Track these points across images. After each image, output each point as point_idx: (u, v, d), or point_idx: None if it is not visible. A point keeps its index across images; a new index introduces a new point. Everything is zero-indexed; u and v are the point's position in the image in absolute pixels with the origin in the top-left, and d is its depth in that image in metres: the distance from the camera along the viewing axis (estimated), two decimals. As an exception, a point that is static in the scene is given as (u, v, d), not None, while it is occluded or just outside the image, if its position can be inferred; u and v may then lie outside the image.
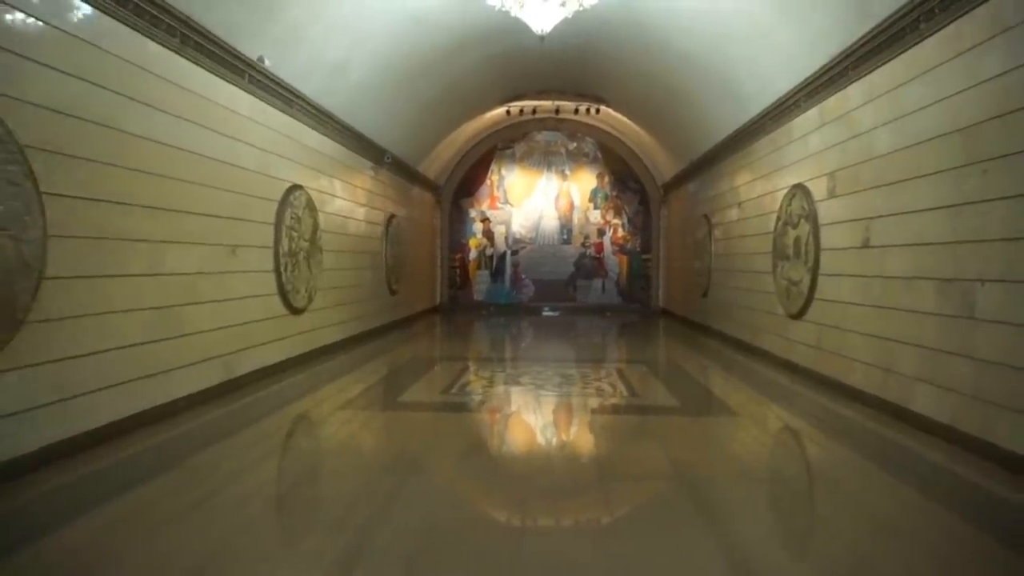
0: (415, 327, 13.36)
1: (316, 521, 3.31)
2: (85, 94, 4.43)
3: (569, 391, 6.71)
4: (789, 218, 7.79)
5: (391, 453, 4.47)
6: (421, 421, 5.33)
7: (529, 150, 17.42)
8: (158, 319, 5.22)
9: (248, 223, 6.77)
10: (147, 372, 5.06)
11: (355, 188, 10.38)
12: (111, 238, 4.69)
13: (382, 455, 4.42)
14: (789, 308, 7.75)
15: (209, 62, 5.88)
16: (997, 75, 4.31)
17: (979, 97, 4.50)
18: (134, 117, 4.93)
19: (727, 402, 6.14)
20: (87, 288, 4.42)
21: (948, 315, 4.79)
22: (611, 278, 17.35)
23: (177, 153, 5.46)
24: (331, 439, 4.92)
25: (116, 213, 4.72)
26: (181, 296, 5.54)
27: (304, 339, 8.24)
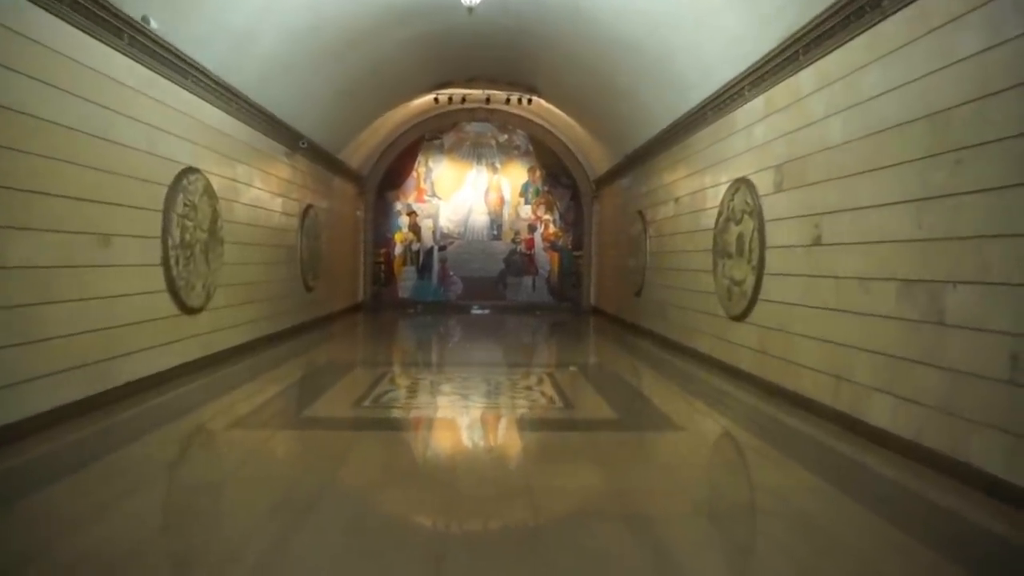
0: (334, 327, 12.46)
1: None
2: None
3: (498, 402, 6.07)
4: (732, 214, 7.37)
5: (284, 487, 3.71)
6: (326, 443, 4.57)
7: (458, 141, 16.70)
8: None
9: (127, 209, 5.82)
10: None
11: (266, 175, 9.44)
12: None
13: (273, 490, 3.66)
14: (731, 309, 7.33)
15: (74, 15, 4.94)
16: (973, 54, 3.90)
17: (951, 80, 4.08)
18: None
19: (669, 413, 5.62)
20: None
21: (912, 319, 4.38)
22: (542, 275, 16.83)
23: (26, 121, 4.52)
24: (213, 468, 4.11)
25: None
26: (32, 294, 4.60)
27: (201, 342, 7.30)
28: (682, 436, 4.91)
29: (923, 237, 4.29)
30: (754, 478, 4.09)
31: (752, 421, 5.41)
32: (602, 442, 4.70)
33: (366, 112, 13.14)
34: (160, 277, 6.42)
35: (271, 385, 6.53)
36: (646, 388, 6.85)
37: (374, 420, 5.23)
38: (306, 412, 5.38)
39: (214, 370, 7.14)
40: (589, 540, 3.11)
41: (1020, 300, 3.57)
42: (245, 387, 6.45)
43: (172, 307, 6.65)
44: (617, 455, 4.43)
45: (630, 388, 6.86)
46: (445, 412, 5.67)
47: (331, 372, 7.55)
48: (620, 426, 5.21)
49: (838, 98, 5.34)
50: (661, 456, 4.49)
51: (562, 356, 9.61)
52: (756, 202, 6.74)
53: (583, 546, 3.02)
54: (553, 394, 6.23)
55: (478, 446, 4.68)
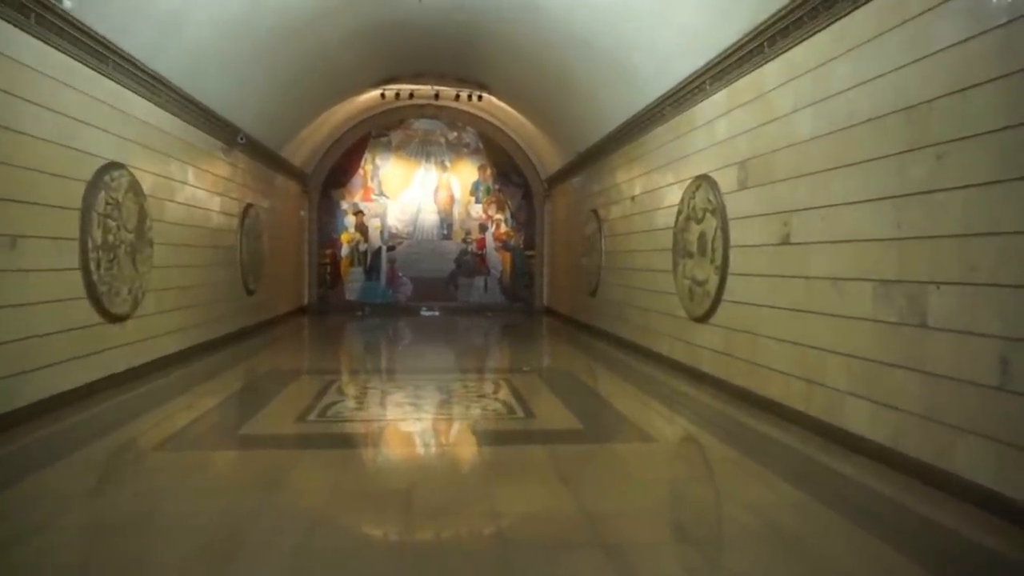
0: (277, 331, 11.86)
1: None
2: None
3: (454, 412, 5.68)
4: (692, 212, 7.15)
5: (216, 519, 3.26)
6: (260, 467, 4.10)
7: (406, 139, 16.21)
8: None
9: (39, 207, 5.23)
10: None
11: (201, 171, 8.83)
12: None
13: (203, 523, 3.21)
14: (693, 310, 7.11)
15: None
16: (955, 43, 3.70)
17: (930, 71, 3.89)
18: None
19: (636, 421, 5.33)
20: None
21: (890, 322, 4.18)
22: (494, 276, 16.48)
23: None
24: (134, 499, 3.62)
25: None
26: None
27: (128, 352, 6.71)
28: (653, 448, 4.62)
29: (902, 236, 4.09)
30: (735, 494, 3.82)
31: (722, 428, 5.17)
32: (569, 456, 4.37)
33: (309, 107, 12.56)
34: (79, 282, 5.83)
35: (206, 398, 6.00)
36: (608, 393, 6.56)
37: (320, 436, 4.78)
38: (244, 429, 4.89)
39: (143, 382, 6.56)
40: (563, 574, 2.78)
41: (1009, 302, 3.38)
42: (177, 401, 5.91)
43: (93, 315, 6.06)
44: (587, 472, 4.11)
45: (592, 393, 6.57)
46: (397, 425, 5.25)
47: (274, 381, 7.04)
48: (586, 437, 4.89)
49: (806, 92, 5.14)
50: (634, 471, 4.18)
51: (518, 359, 9.28)
52: (719, 200, 6.52)
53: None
54: (512, 402, 5.89)
55: (434, 465, 4.29)
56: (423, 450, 4.50)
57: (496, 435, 4.95)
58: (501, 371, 8.22)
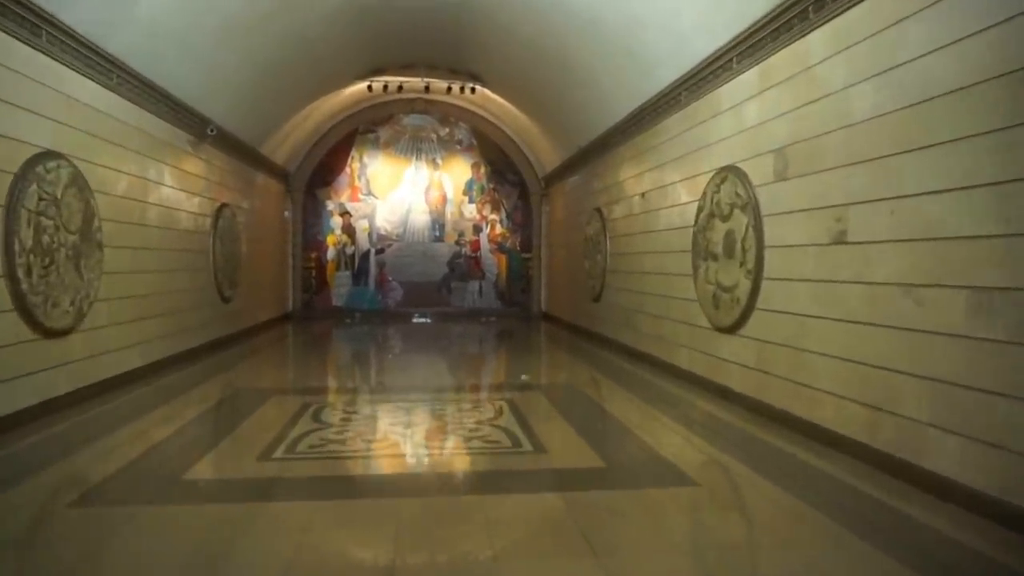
0: (256, 341, 10.97)
1: None
2: None
3: (447, 447, 4.81)
4: (716, 209, 6.32)
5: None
6: (201, 531, 3.17)
7: (395, 135, 15.35)
8: None
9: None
10: None
11: (164, 166, 7.95)
12: None
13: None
14: (718, 319, 6.28)
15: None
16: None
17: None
18: None
19: (666, 455, 4.46)
20: None
21: (989, 339, 3.35)
22: (489, 279, 15.62)
23: None
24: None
25: None
26: None
27: (71, 372, 5.82)
28: (696, 495, 3.75)
29: (1010, 232, 3.26)
30: (819, 567, 2.96)
31: (771, 464, 4.31)
32: (593, 508, 3.51)
33: (290, 99, 11.68)
34: (3, 291, 4.94)
35: (157, 428, 5.11)
36: (625, 415, 5.70)
37: (283, 483, 3.88)
38: (192, 471, 4.01)
39: (87, 407, 5.66)
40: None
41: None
42: (120, 432, 5.01)
43: (24, 330, 5.17)
44: (618, 532, 3.24)
45: (606, 416, 5.70)
46: (379, 465, 4.37)
47: (242, 404, 6.16)
48: (611, 479, 4.01)
49: (864, 62, 4.31)
50: (678, 531, 3.32)
51: (519, 373, 8.42)
52: (750, 194, 5.69)
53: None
54: (516, 430, 5.02)
55: (424, 526, 3.41)
56: (410, 504, 3.63)
57: (500, 479, 4.06)
58: (501, 388, 7.36)
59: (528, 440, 4.77)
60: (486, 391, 7.28)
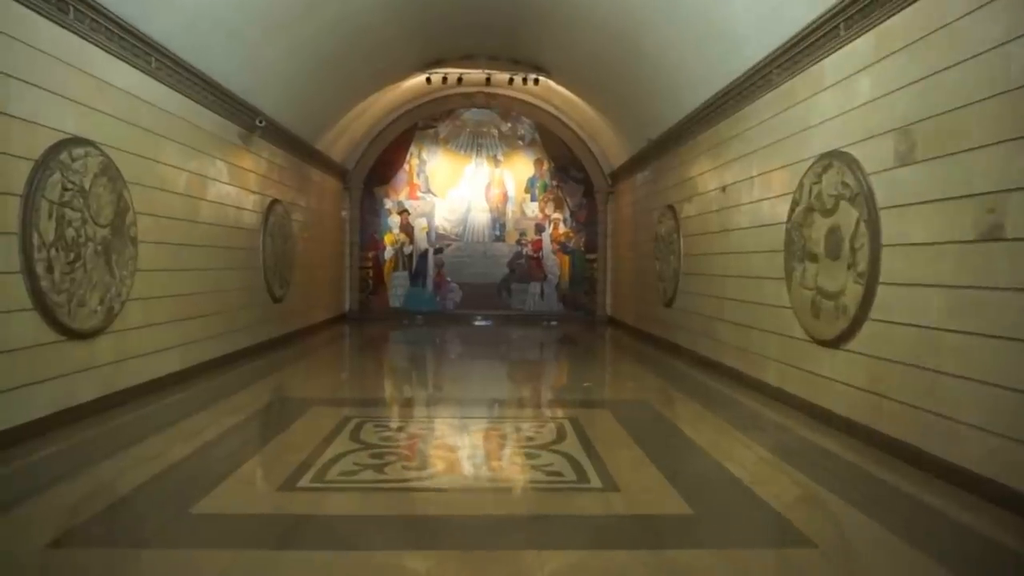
0: (309, 343, 10.55)
1: None
2: None
3: (498, 478, 4.08)
4: (816, 202, 5.44)
5: None
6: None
7: (455, 130, 14.79)
8: None
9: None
10: None
11: (209, 158, 7.53)
12: None
13: None
14: (819, 330, 5.39)
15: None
16: None
17: None
18: None
19: (767, 499, 3.64)
20: None
21: None
22: (551, 281, 14.89)
23: None
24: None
25: None
26: None
27: (98, 377, 5.39)
28: (811, 559, 2.95)
29: None
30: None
31: (902, 516, 3.46)
32: (685, 571, 2.75)
33: (346, 93, 11.24)
34: (19, 289, 4.51)
35: (176, 444, 4.58)
36: (711, 443, 4.87)
37: (307, 523, 3.20)
38: (201, 504, 3.41)
39: (110, 418, 5.21)
40: None
41: None
42: (132, 451, 4.47)
43: (44, 331, 4.73)
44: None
45: (687, 443, 4.87)
46: (418, 503, 3.65)
47: (276, 416, 5.62)
48: (703, 533, 3.20)
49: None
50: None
51: (583, 384, 7.67)
52: (862, 183, 4.80)
53: None
54: (582, 459, 4.28)
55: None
56: (448, 560, 2.93)
57: (563, 528, 3.30)
58: (564, 403, 6.61)
59: (596, 472, 4.02)
60: (547, 406, 6.55)
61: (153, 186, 6.29)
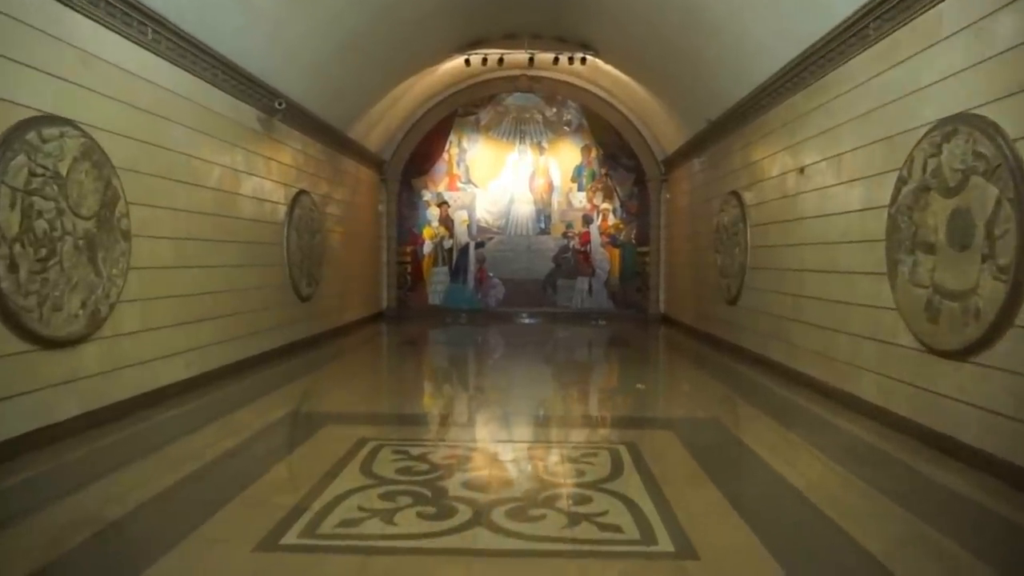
0: (340, 344, 9.86)
1: None
2: None
3: (538, 535, 3.08)
4: (934, 179, 4.40)
5: None
6: None
7: (497, 117, 13.93)
8: None
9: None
10: None
11: (222, 144, 6.83)
12: None
13: None
14: (937, 338, 4.36)
15: None
16: None
17: None
18: None
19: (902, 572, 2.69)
20: None
21: None
22: (599, 276, 13.92)
23: None
24: None
25: None
26: None
27: (82, 391, 4.70)
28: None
29: None
30: None
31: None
32: None
33: (379, 76, 10.47)
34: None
35: (152, 477, 3.79)
36: (805, 478, 3.90)
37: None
38: (152, 569, 2.64)
39: (94, 438, 4.51)
40: None
41: None
42: (98, 486, 3.66)
43: (9, 340, 4.05)
44: None
45: (779, 482, 3.85)
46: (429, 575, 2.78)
47: (281, 438, 4.83)
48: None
49: None
50: None
51: (643, 400, 6.74)
52: (1005, 152, 3.76)
53: None
54: (646, 506, 3.34)
55: None
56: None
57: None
58: (618, 422, 5.66)
59: (664, 526, 3.10)
60: (599, 425, 5.62)
61: (152, 173, 5.59)
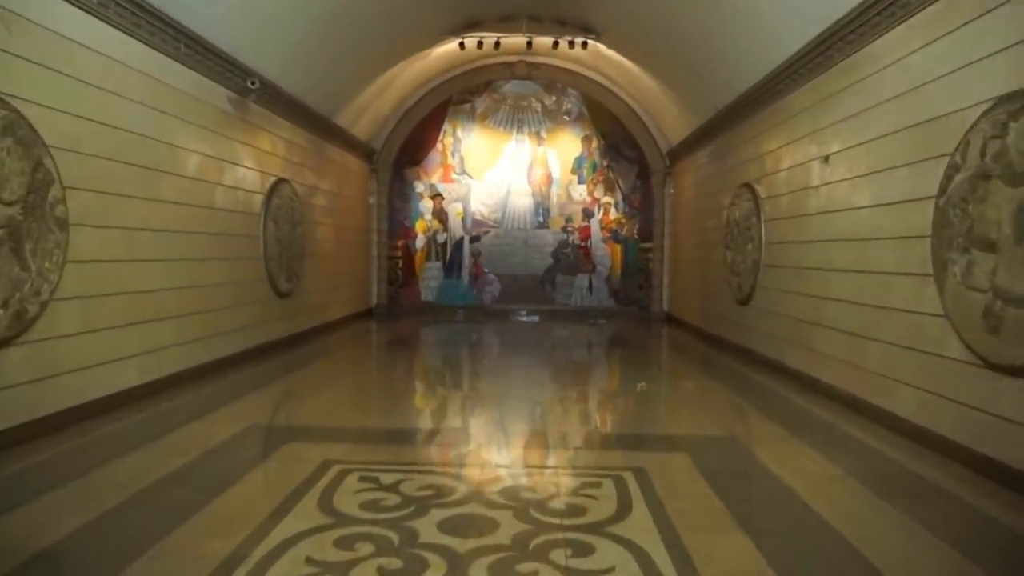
0: (323, 344, 9.23)
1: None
2: None
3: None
4: (997, 165, 3.75)
5: None
6: None
7: (493, 105, 13.28)
8: None
9: None
10: None
11: (184, 125, 6.18)
12: None
13: None
14: (999, 350, 3.72)
15: None
16: None
17: None
18: None
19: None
20: None
21: None
22: (600, 273, 13.29)
23: None
24: None
25: None
26: None
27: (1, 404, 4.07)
28: None
29: None
30: None
31: None
32: None
33: (367, 59, 9.81)
34: None
35: (65, 512, 3.18)
36: (852, 525, 3.25)
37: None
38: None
39: (9, 461, 3.87)
40: None
41: None
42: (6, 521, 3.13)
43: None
44: None
45: (820, 525, 3.16)
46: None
47: (232, 459, 4.09)
48: None
49: None
50: None
51: (651, 414, 6.10)
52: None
53: None
54: (663, 565, 2.72)
55: None
56: None
57: None
58: (624, 442, 4.97)
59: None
60: (602, 446, 4.96)
61: (99, 155, 4.95)
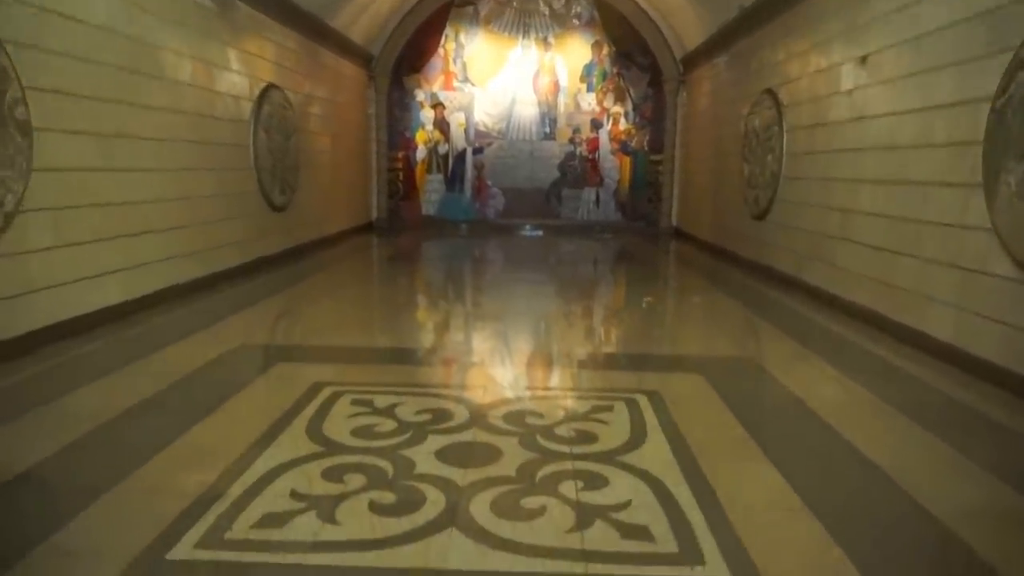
0: (319, 259, 8.90)
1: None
2: None
3: (534, 546, 2.19)
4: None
5: None
6: None
7: (498, 8, 12.49)
8: None
9: None
10: None
11: (162, 22, 5.64)
12: None
13: None
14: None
15: None
16: None
17: None
18: None
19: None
20: None
21: None
22: (608, 186, 12.83)
23: None
24: None
25: None
26: None
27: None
28: None
29: None
30: None
31: None
32: None
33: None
34: None
35: (30, 442, 2.95)
36: (883, 447, 2.99)
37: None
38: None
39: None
40: None
41: None
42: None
43: None
44: None
45: (849, 451, 2.92)
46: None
47: (217, 381, 3.79)
48: None
49: None
50: None
51: (661, 333, 5.82)
52: None
53: None
54: (681, 496, 2.45)
55: None
56: None
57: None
58: (635, 361, 4.71)
59: (710, 530, 2.23)
60: (612, 365, 4.68)
61: (64, 52, 4.47)
